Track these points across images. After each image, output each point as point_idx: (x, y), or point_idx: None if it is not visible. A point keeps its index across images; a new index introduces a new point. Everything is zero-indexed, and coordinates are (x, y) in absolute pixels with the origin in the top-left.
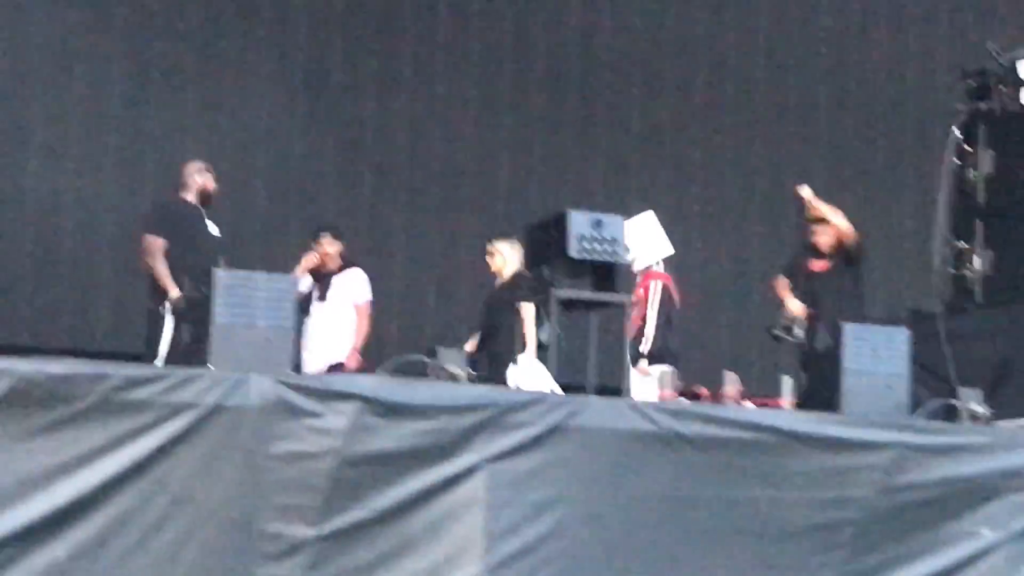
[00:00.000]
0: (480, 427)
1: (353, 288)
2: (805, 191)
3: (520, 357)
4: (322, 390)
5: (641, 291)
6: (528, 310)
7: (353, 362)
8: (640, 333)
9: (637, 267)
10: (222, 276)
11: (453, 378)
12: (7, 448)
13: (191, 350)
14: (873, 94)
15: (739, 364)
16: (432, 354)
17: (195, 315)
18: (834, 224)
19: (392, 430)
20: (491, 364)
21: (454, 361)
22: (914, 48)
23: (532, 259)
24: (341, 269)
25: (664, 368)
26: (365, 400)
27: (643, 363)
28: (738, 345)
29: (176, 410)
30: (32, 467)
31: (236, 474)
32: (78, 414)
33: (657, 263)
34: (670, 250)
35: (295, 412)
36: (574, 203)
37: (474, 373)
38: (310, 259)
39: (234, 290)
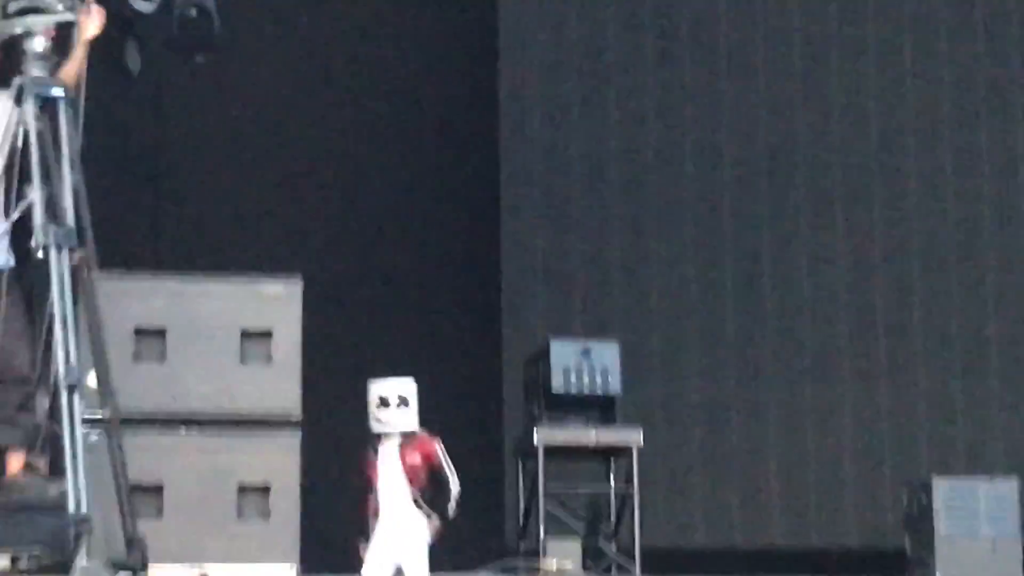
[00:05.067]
0: None
1: None
2: None
3: None
4: None
5: (418, 456)
6: None
7: None
8: (430, 487)
9: (410, 428)
10: (942, 485)
11: None
12: None
13: None
14: None
15: None
16: None
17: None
18: None
19: None
20: None
21: None
22: None
23: None
24: None
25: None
26: None
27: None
28: None
29: None
30: None
31: None
32: None
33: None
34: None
35: None
36: None
37: None
38: None
39: (955, 500)
